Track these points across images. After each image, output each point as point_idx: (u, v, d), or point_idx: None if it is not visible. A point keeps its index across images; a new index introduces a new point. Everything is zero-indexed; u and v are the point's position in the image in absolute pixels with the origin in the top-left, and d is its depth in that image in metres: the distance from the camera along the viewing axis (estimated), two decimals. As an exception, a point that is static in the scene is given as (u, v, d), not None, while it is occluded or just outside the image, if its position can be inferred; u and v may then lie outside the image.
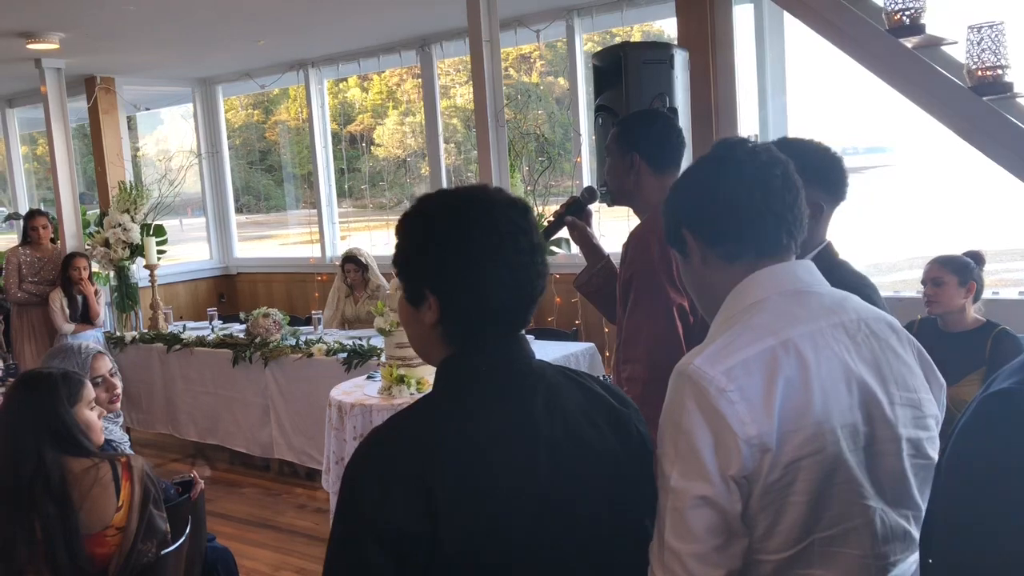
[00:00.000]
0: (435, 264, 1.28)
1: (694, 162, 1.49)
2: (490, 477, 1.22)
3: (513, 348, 1.33)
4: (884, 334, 1.37)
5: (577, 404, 1.33)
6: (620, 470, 1.31)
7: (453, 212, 1.30)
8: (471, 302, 1.28)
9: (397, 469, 1.20)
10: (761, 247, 1.37)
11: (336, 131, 8.40)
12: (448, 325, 1.31)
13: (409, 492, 1.18)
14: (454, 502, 1.18)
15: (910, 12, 3.24)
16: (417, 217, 1.32)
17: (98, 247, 6.75)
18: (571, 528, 1.26)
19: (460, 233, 1.27)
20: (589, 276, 2.70)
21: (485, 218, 1.27)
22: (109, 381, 2.84)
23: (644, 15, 5.71)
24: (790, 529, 1.25)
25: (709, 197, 1.38)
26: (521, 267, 1.28)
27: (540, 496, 1.24)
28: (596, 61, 3.85)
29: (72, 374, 2.46)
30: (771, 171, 1.36)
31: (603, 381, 1.43)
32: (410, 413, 1.30)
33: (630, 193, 2.51)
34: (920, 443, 1.35)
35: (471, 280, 1.27)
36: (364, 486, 1.22)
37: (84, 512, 2.23)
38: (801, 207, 1.38)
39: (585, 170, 5.86)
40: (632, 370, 2.34)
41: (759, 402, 1.22)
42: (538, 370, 1.34)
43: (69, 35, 5.82)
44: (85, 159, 8.45)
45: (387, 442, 1.26)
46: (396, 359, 4.05)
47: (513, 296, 1.29)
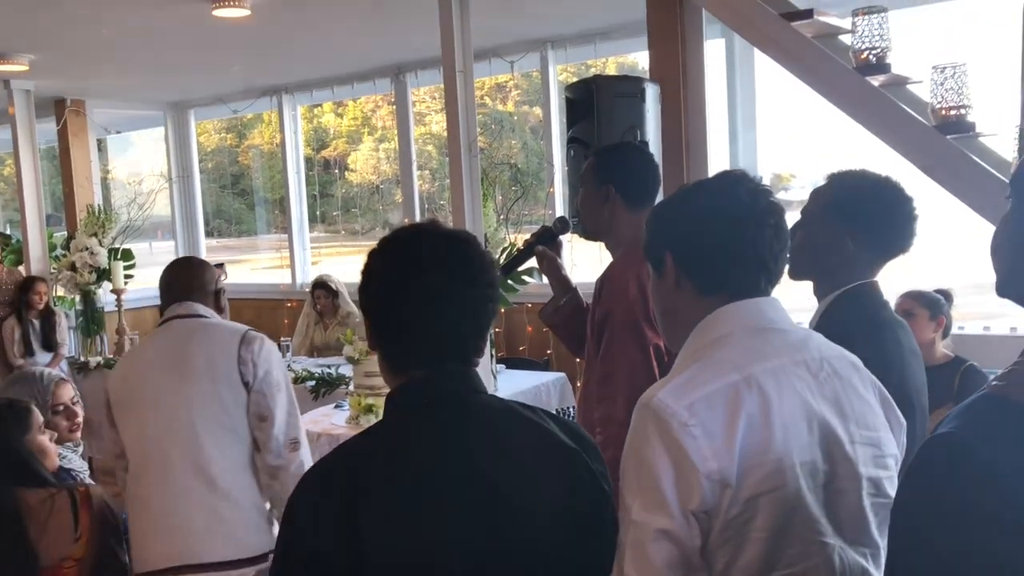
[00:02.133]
0: (371, 302, 1.36)
1: (692, 184, 1.51)
2: (420, 513, 1.23)
3: (456, 381, 1.34)
4: (846, 373, 1.38)
5: (524, 441, 1.33)
6: (567, 510, 1.31)
7: (383, 251, 1.37)
8: (402, 335, 1.33)
9: (329, 496, 1.24)
10: (738, 288, 1.38)
11: (310, 156, 8.38)
12: (389, 356, 1.36)
13: (338, 520, 1.21)
14: (380, 535, 1.20)
15: (876, 51, 3.31)
16: (367, 258, 1.39)
17: (64, 271, 6.66)
18: (503, 566, 1.25)
19: (385, 271, 1.34)
20: (555, 308, 2.67)
21: (410, 254, 1.34)
22: (71, 409, 2.78)
23: (618, 48, 5.78)
24: (749, 565, 1.25)
25: (701, 230, 1.39)
26: (453, 298, 1.31)
27: (471, 536, 1.23)
28: (568, 93, 3.88)
29: (16, 402, 2.41)
30: (767, 219, 1.37)
31: (560, 416, 1.43)
32: (352, 442, 1.35)
33: (603, 227, 2.48)
34: (880, 482, 1.35)
35: (398, 314, 1.32)
36: (298, 510, 1.27)
37: (41, 544, 2.17)
38: (785, 259, 1.41)
39: (558, 200, 5.89)
40: (607, 410, 2.30)
41: (720, 437, 1.23)
42: (484, 404, 1.35)
43: (39, 57, 5.77)
44: (53, 181, 8.36)
45: (325, 467, 1.32)
46: (364, 388, 4.02)
47: (447, 326, 1.32)
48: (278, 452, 2.46)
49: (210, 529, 2.40)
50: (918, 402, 1.77)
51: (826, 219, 1.91)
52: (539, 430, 1.35)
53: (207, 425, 2.43)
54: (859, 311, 1.83)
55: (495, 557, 1.24)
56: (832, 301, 1.90)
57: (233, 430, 2.46)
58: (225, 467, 2.44)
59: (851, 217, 1.88)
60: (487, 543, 1.24)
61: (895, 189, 1.93)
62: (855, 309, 1.84)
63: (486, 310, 1.36)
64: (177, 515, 2.41)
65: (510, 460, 1.29)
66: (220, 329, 2.56)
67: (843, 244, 1.88)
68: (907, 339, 1.87)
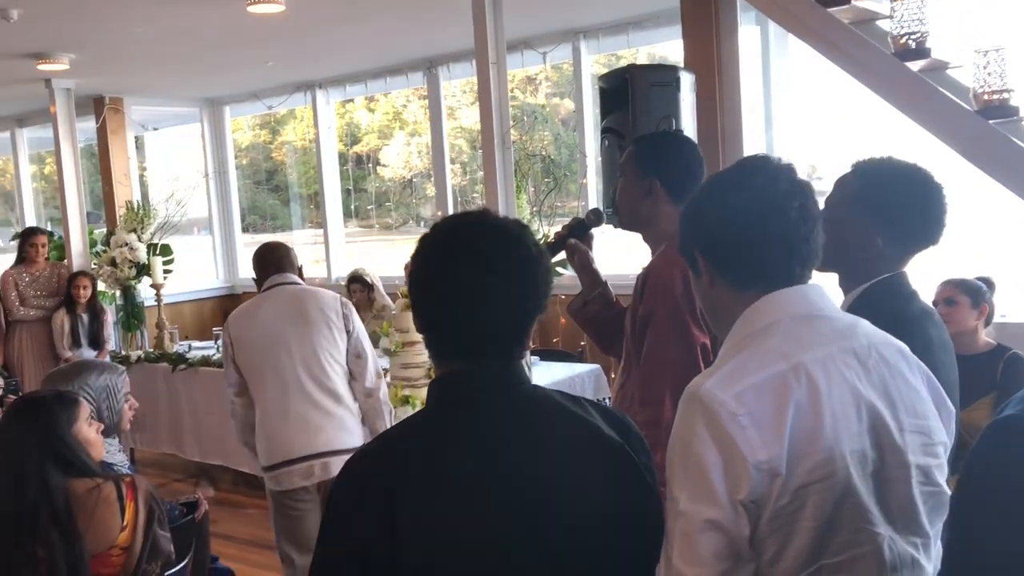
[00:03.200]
0: (414, 292, 1.36)
1: (713, 178, 1.48)
2: (457, 504, 1.23)
3: (496, 373, 1.33)
4: (894, 360, 1.37)
5: (566, 435, 1.32)
6: (608, 504, 1.29)
7: (425, 244, 1.36)
8: (442, 328, 1.34)
9: (369, 485, 1.26)
10: (772, 279, 1.36)
11: (343, 151, 8.44)
12: (432, 349, 1.36)
13: (377, 510, 1.22)
14: (417, 525, 1.21)
15: (916, 36, 3.25)
16: (415, 246, 1.39)
17: (105, 266, 6.77)
18: (547, 562, 1.25)
19: (426, 264, 1.34)
20: (583, 302, 2.59)
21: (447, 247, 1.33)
22: (132, 398, 2.92)
23: (651, 37, 5.75)
24: (798, 554, 1.24)
25: (723, 224, 1.37)
26: (491, 289, 1.29)
27: (508, 529, 1.23)
28: (602, 83, 3.86)
29: (65, 393, 2.46)
30: (789, 202, 1.34)
31: (605, 407, 1.42)
32: (394, 431, 1.37)
33: (645, 220, 2.39)
34: (929, 470, 1.34)
35: (437, 307, 1.32)
36: (339, 499, 1.29)
37: (89, 533, 2.22)
38: (817, 238, 1.38)
39: (591, 192, 5.87)
40: (653, 413, 2.20)
41: (769, 427, 1.22)
42: (526, 396, 1.34)
43: (79, 56, 5.87)
44: (92, 178, 8.50)
45: (366, 457, 1.34)
46: (401, 379, 4.05)
47: (490, 318, 1.30)
48: (371, 379, 3.40)
49: (326, 426, 3.28)
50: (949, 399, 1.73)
51: (852, 211, 1.84)
52: (582, 423, 1.34)
53: (326, 357, 3.31)
54: (886, 305, 1.76)
55: (533, 551, 1.24)
56: (858, 295, 1.84)
57: (340, 362, 3.36)
58: (337, 385, 3.33)
59: (879, 209, 1.81)
60: (525, 537, 1.23)
61: (925, 178, 1.85)
62: (882, 304, 1.77)
63: (530, 305, 1.33)
64: (306, 418, 3.26)
65: (551, 454, 1.28)
66: (324, 293, 3.46)
67: (871, 239, 1.82)
68: (938, 333, 1.82)
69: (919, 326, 1.77)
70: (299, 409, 3.26)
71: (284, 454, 3.26)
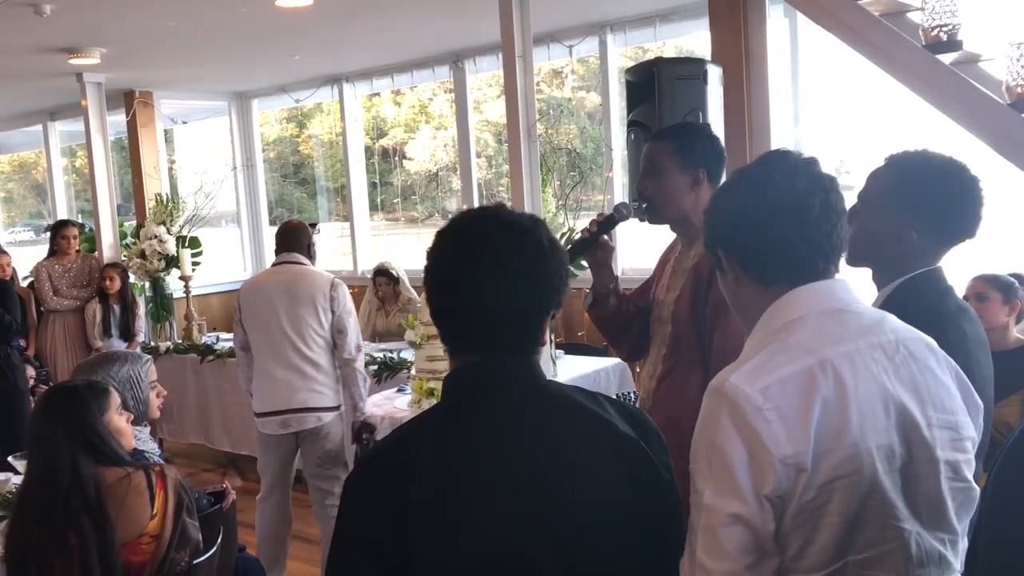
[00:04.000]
0: (428, 287, 1.37)
1: (734, 175, 1.47)
2: (465, 497, 1.23)
3: (509, 368, 1.33)
4: (922, 355, 1.36)
5: (580, 430, 1.32)
6: (620, 500, 1.29)
7: (443, 236, 1.37)
8: (455, 321, 1.34)
9: (381, 477, 1.27)
10: (796, 275, 1.35)
11: (369, 145, 8.47)
12: (447, 342, 1.37)
13: (388, 501, 1.23)
14: (425, 517, 1.22)
15: (948, 28, 3.21)
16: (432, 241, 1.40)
17: (134, 258, 6.85)
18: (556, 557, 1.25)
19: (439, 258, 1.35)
20: (597, 297, 2.57)
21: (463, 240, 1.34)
22: (159, 387, 2.97)
23: (678, 30, 5.71)
24: (823, 550, 1.24)
25: (744, 222, 1.37)
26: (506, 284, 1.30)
27: (520, 523, 1.24)
28: (629, 76, 3.84)
29: (95, 383, 2.50)
30: (809, 199, 1.34)
31: (621, 402, 1.41)
32: (407, 425, 1.37)
33: (686, 212, 2.36)
34: (958, 465, 1.33)
35: (450, 301, 1.33)
36: (353, 491, 1.30)
37: (119, 521, 2.25)
38: (841, 232, 1.37)
39: (617, 185, 5.86)
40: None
41: (795, 422, 1.21)
42: (538, 391, 1.34)
43: (110, 50, 5.93)
44: (122, 171, 8.59)
45: (380, 452, 1.37)
46: (426, 372, 4.06)
47: (502, 312, 1.30)
48: (350, 351, 3.98)
49: (303, 388, 3.94)
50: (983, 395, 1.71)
51: (886, 206, 1.82)
52: (596, 418, 1.33)
53: (308, 331, 3.93)
54: (920, 301, 1.74)
55: (545, 545, 1.24)
56: (893, 291, 1.82)
57: (322, 336, 3.96)
58: (317, 355, 3.95)
59: (913, 204, 1.79)
60: (537, 531, 1.23)
61: (960, 171, 1.82)
62: (916, 299, 1.75)
63: (542, 299, 1.33)
64: (287, 380, 3.93)
65: (563, 450, 1.28)
66: (318, 276, 4.01)
67: (905, 234, 1.79)
68: (973, 329, 1.79)
69: (953, 322, 1.75)
70: (282, 372, 3.93)
71: (268, 406, 3.99)
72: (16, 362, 4.98)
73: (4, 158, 11.57)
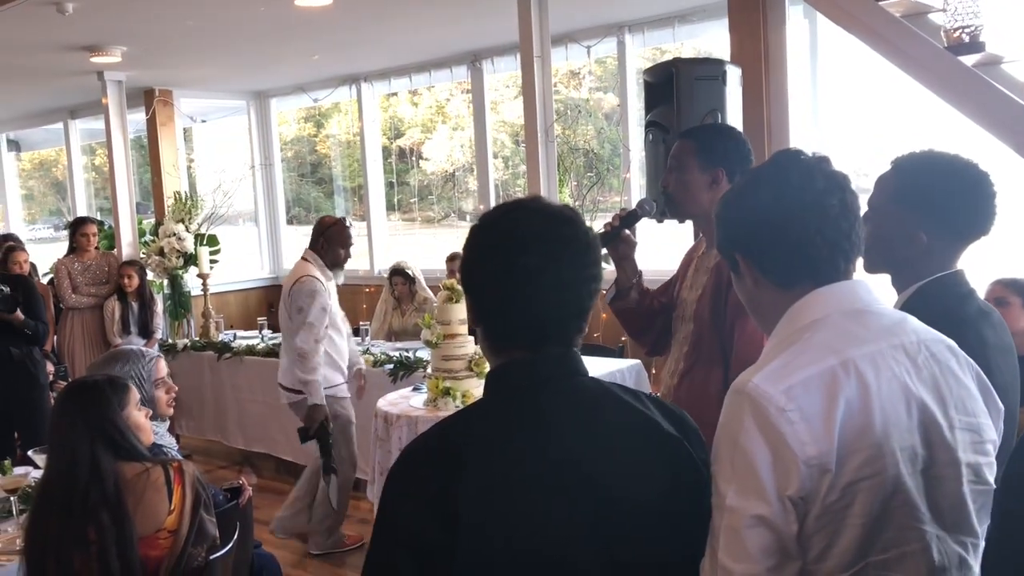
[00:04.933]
0: (472, 281, 1.33)
1: (747, 176, 1.45)
2: (514, 497, 1.22)
3: (557, 363, 1.32)
4: (944, 356, 1.35)
5: (623, 427, 1.30)
6: (664, 499, 1.28)
7: (485, 230, 1.34)
8: (507, 317, 1.31)
9: (426, 476, 1.24)
10: (817, 277, 1.34)
11: (386, 145, 8.49)
12: (492, 340, 1.34)
13: (434, 501, 1.20)
14: (475, 516, 1.19)
15: (970, 30, 3.19)
16: (468, 237, 1.37)
17: (153, 256, 6.90)
18: (603, 556, 1.23)
19: (488, 250, 1.31)
20: (620, 290, 2.62)
21: (511, 232, 1.30)
22: (168, 383, 2.93)
23: (696, 31, 5.70)
24: (845, 552, 1.23)
25: (761, 225, 1.35)
26: (556, 277, 1.28)
27: (568, 521, 1.22)
28: (647, 76, 3.84)
29: (117, 378, 2.51)
30: (828, 199, 1.32)
31: (661, 401, 1.39)
32: (450, 421, 1.34)
33: (705, 209, 2.39)
34: (979, 468, 1.32)
35: (501, 296, 1.30)
36: (396, 489, 1.27)
37: (138, 516, 2.26)
38: (859, 231, 1.36)
39: (634, 186, 5.85)
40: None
41: (819, 422, 1.20)
42: (583, 388, 1.33)
43: (131, 49, 5.98)
44: (141, 169, 8.65)
45: (423, 447, 1.31)
46: (442, 371, 4.06)
47: (551, 306, 1.29)
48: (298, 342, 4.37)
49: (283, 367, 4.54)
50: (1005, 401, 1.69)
51: (894, 210, 1.80)
52: (641, 417, 1.32)
53: (284, 322, 4.49)
54: (939, 306, 1.71)
55: (589, 541, 1.23)
56: (910, 296, 1.80)
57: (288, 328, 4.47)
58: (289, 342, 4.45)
59: (920, 205, 1.77)
60: (581, 526, 1.22)
61: (967, 168, 1.80)
62: (935, 304, 1.72)
63: (588, 290, 1.31)
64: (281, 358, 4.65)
65: (610, 447, 1.27)
66: (295, 271, 4.49)
67: (915, 236, 1.78)
68: (994, 334, 1.76)
69: (973, 327, 1.72)
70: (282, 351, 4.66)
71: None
72: (37, 358, 5.02)
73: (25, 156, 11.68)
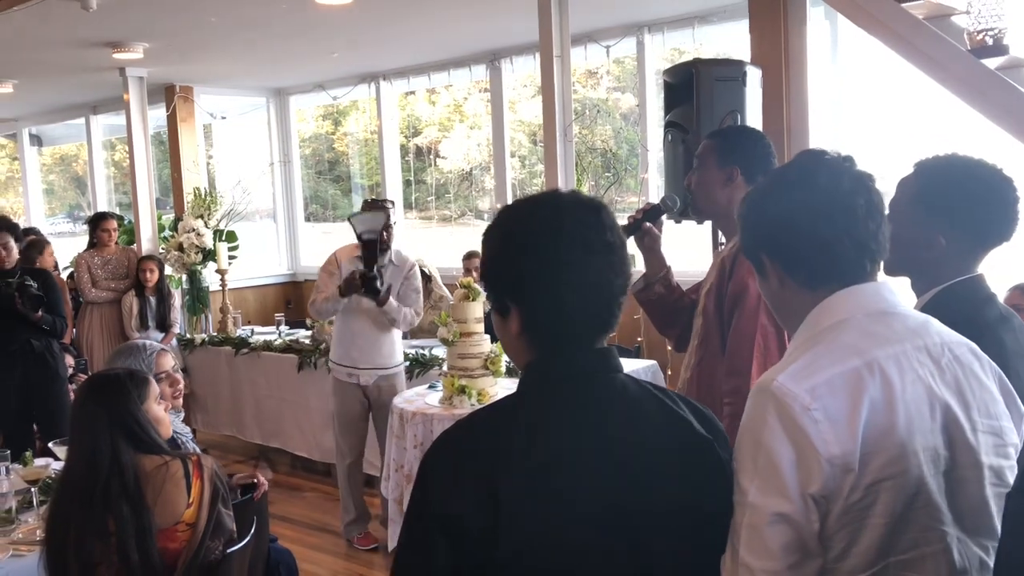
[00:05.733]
0: (510, 274, 1.31)
1: (772, 177, 1.45)
2: (556, 486, 1.22)
3: (597, 358, 1.32)
4: (967, 359, 1.35)
5: (659, 425, 1.30)
6: (695, 499, 1.28)
7: (521, 222, 1.32)
8: (548, 309, 1.29)
9: (469, 462, 1.24)
10: (844, 277, 1.34)
11: (403, 143, 8.51)
12: (531, 333, 1.31)
13: (477, 486, 1.21)
14: (517, 504, 1.19)
15: (993, 32, 3.16)
16: (493, 229, 1.35)
17: (172, 251, 6.94)
18: (635, 550, 1.24)
19: (528, 241, 1.28)
20: (647, 283, 2.66)
21: (551, 223, 1.28)
22: (172, 377, 2.95)
23: (716, 32, 5.68)
24: (866, 551, 1.23)
25: (788, 225, 1.35)
26: (593, 268, 1.27)
27: (605, 514, 1.23)
28: (667, 77, 3.83)
29: (137, 372, 2.54)
30: (855, 200, 1.32)
31: (690, 401, 1.39)
32: (492, 410, 1.33)
33: (721, 209, 2.46)
34: (1002, 471, 1.32)
35: (544, 287, 1.27)
36: (436, 474, 1.26)
37: (156, 508, 2.29)
38: (885, 231, 1.35)
39: (652, 186, 5.84)
40: (738, 383, 2.27)
41: (843, 422, 1.21)
42: (621, 384, 1.32)
43: (152, 45, 6.02)
44: (161, 165, 8.71)
45: (465, 434, 1.30)
46: (458, 369, 4.07)
47: (589, 298, 1.28)
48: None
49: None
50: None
51: (914, 213, 1.80)
52: (675, 417, 1.32)
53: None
54: (957, 311, 1.68)
55: (621, 535, 1.23)
56: (930, 299, 1.80)
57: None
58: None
59: (940, 209, 1.77)
60: (614, 521, 1.23)
61: (990, 173, 1.78)
62: (954, 309, 1.70)
63: (622, 283, 1.31)
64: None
65: (647, 444, 1.27)
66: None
67: (933, 240, 1.77)
68: (1014, 339, 1.75)
69: (991, 334, 1.70)
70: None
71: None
72: (57, 351, 5.07)
73: (47, 151, 11.78)
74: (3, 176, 13.33)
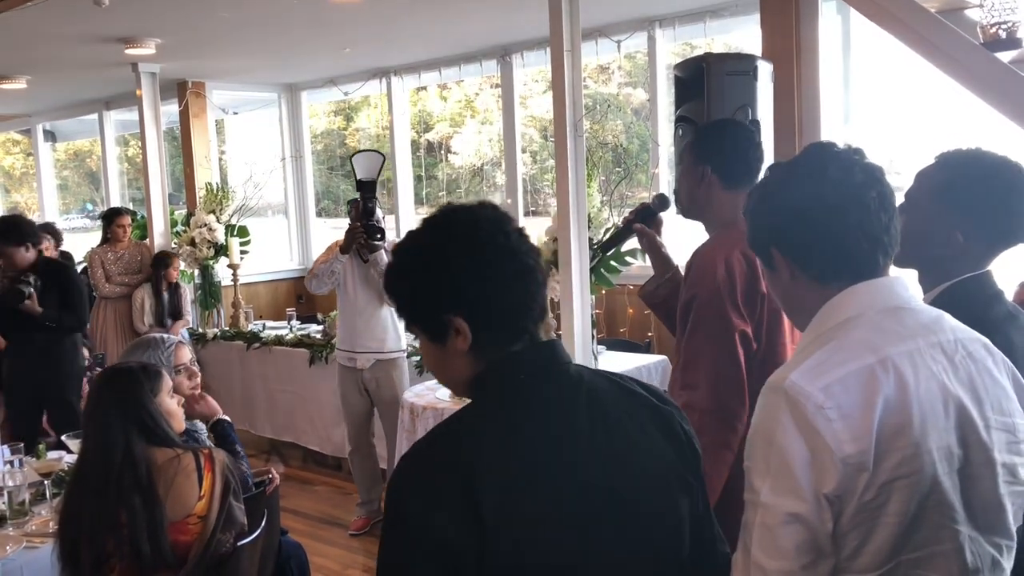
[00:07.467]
0: (445, 287, 1.27)
1: (780, 169, 1.42)
2: (536, 486, 1.21)
3: (549, 352, 1.32)
4: (980, 356, 1.33)
5: (620, 407, 1.32)
6: (671, 472, 1.30)
7: (430, 241, 1.30)
8: (493, 299, 1.27)
9: (442, 481, 1.20)
10: (856, 271, 1.33)
11: (414, 139, 8.51)
12: (482, 336, 1.28)
13: (455, 504, 1.17)
14: (501, 512, 1.17)
15: (1007, 26, 3.14)
16: (404, 263, 1.32)
17: (184, 246, 6.97)
18: (622, 534, 1.24)
19: (449, 247, 1.28)
20: (655, 286, 2.63)
21: (460, 224, 1.29)
22: (191, 369, 2.98)
23: (728, 26, 5.66)
24: (879, 550, 1.22)
25: (800, 219, 1.33)
26: (518, 252, 1.29)
27: (588, 503, 1.23)
28: (677, 71, 3.82)
29: (150, 365, 2.55)
30: (867, 193, 1.30)
31: (642, 381, 1.41)
32: (452, 424, 1.29)
33: (700, 207, 2.43)
34: (1015, 468, 1.31)
35: (484, 279, 1.26)
36: (410, 499, 1.22)
37: (168, 501, 2.30)
38: (897, 225, 1.34)
39: (662, 181, 5.83)
40: (691, 397, 2.23)
41: (857, 420, 1.20)
42: (577, 374, 1.33)
43: (165, 40, 6.04)
44: (174, 160, 8.74)
45: (431, 454, 1.26)
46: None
47: (527, 281, 1.29)
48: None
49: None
50: None
51: (932, 206, 1.76)
52: (636, 397, 1.35)
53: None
54: (966, 309, 1.64)
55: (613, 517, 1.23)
56: (938, 295, 1.77)
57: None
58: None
59: (961, 205, 1.73)
60: (603, 509, 1.23)
61: (1014, 171, 1.75)
62: (961, 306, 1.65)
63: (543, 277, 1.32)
64: None
65: (617, 427, 1.28)
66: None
67: (951, 236, 1.74)
68: (1021, 337, 1.72)
69: (1000, 332, 1.67)
70: None
71: None
72: (68, 345, 5.10)
73: (60, 146, 11.85)
74: (18, 172, 13.42)
